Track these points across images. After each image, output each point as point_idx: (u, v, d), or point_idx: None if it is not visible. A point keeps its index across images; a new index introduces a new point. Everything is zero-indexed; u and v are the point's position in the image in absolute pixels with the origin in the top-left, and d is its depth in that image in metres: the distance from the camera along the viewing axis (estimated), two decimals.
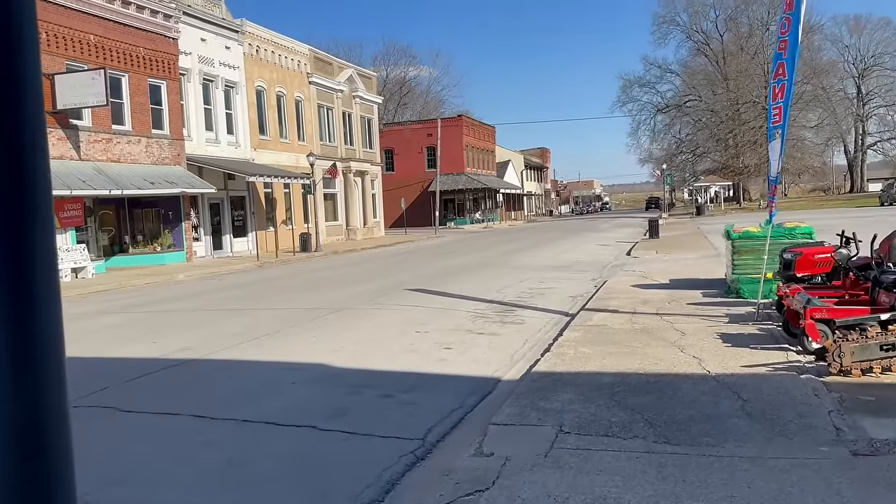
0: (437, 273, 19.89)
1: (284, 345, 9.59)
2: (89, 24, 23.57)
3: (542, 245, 31.31)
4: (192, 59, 29.56)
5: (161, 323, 12.35)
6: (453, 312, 12.16)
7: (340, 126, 42.73)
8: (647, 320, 10.37)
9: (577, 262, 21.88)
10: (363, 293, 15.46)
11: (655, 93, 77.33)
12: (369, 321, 11.43)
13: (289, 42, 37.52)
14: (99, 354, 9.42)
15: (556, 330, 10.37)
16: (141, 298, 17.23)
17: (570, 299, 13.78)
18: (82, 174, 22.39)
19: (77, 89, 21.85)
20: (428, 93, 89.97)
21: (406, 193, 58.01)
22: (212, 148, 30.82)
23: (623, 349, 8.43)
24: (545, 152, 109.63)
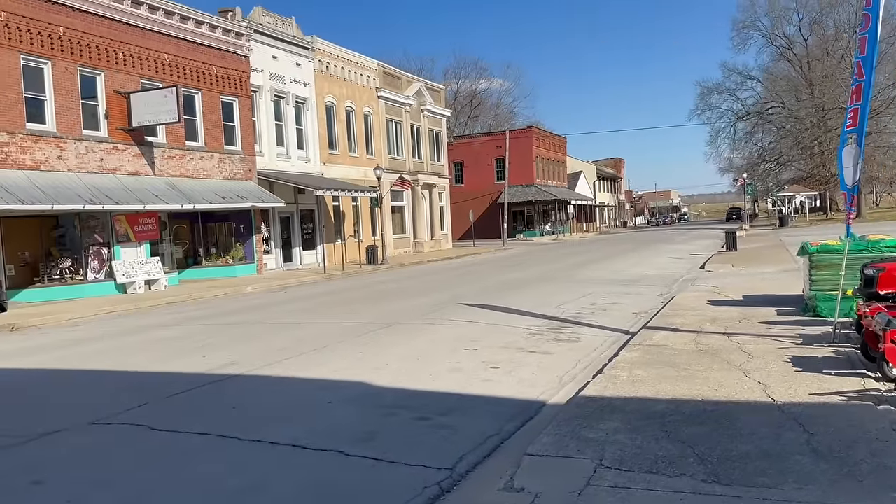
0: (497, 286, 19.49)
1: (329, 361, 9.41)
2: (163, 44, 24.40)
3: (611, 258, 30.44)
4: (263, 76, 30.24)
5: (217, 336, 12.43)
6: (507, 329, 11.75)
7: (408, 139, 42.94)
8: (713, 340, 9.71)
9: (645, 276, 21.07)
10: (419, 307, 15.23)
11: (735, 100, 74.51)
12: (419, 337, 11.16)
13: (358, 58, 37.99)
14: (149, 368, 9.48)
15: (612, 349, 9.83)
16: (206, 311, 17.52)
17: (633, 316, 13.16)
18: (156, 189, 23.10)
19: (151, 107, 22.60)
20: (499, 105, 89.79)
21: (475, 205, 57.80)
22: (282, 163, 31.40)
23: (681, 372, 7.86)
24: (619, 162, 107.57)
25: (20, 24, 19.47)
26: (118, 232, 22.43)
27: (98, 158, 21.82)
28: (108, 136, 22.25)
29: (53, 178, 19.94)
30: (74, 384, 9.08)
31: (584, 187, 79.37)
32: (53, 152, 20.36)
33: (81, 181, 20.65)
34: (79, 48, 21.26)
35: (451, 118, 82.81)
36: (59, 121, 20.60)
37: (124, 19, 22.77)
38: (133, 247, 22.97)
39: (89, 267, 21.91)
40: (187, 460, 5.72)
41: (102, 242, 22.22)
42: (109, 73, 22.34)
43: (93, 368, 9.89)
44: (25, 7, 19.58)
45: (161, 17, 24.28)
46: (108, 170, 22.12)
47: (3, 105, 18.98)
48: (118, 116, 22.55)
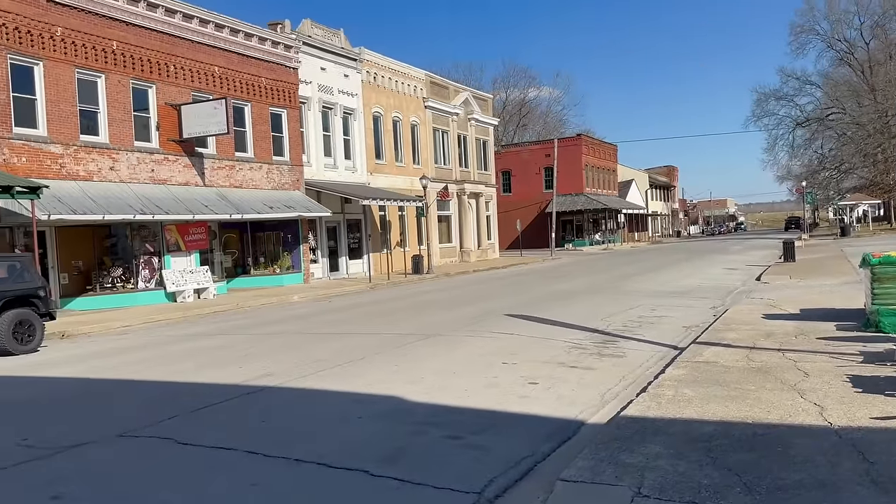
0: (542, 298, 19.11)
1: (364, 373, 9.24)
2: (214, 57, 24.83)
3: (662, 268, 29.67)
4: (311, 87, 30.54)
5: (256, 346, 12.41)
6: (549, 342, 11.41)
7: (455, 148, 42.84)
8: (767, 357, 9.20)
9: (697, 288, 20.40)
10: (461, 318, 14.98)
11: (794, 106, 72.36)
12: (457, 350, 10.91)
13: (405, 68, 38.10)
14: (186, 379, 9.47)
15: (659, 366, 9.41)
16: (250, 320, 17.62)
17: (683, 330, 12.65)
18: (206, 199, 23.46)
19: (201, 119, 22.99)
20: (548, 113, 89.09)
21: (523, 215, 57.32)
22: (330, 173, 31.62)
23: (732, 392, 7.42)
24: (672, 170, 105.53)
25: (76, 38, 20.03)
26: (168, 241, 22.83)
27: (149, 169, 22.27)
28: (159, 147, 22.70)
29: (105, 188, 20.41)
30: (112, 394, 9.12)
31: (635, 196, 78.07)
32: (106, 163, 20.85)
33: (132, 191, 21.09)
34: (131, 61, 21.77)
35: (499, 127, 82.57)
36: (111, 133, 21.10)
37: (176, 33, 23.26)
38: (183, 256, 23.35)
39: (140, 276, 22.34)
40: (209, 478, 5.58)
41: (153, 252, 22.64)
42: (161, 85, 22.82)
43: (131, 378, 9.94)
44: (81, 22, 20.15)
45: (212, 30, 24.73)
46: (159, 180, 22.56)
47: (59, 118, 19.53)
48: (169, 128, 23.00)
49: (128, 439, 6.60)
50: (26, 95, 18.84)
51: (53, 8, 19.36)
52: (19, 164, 18.27)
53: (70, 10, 19.81)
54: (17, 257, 14.14)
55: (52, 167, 19.25)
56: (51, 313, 14.00)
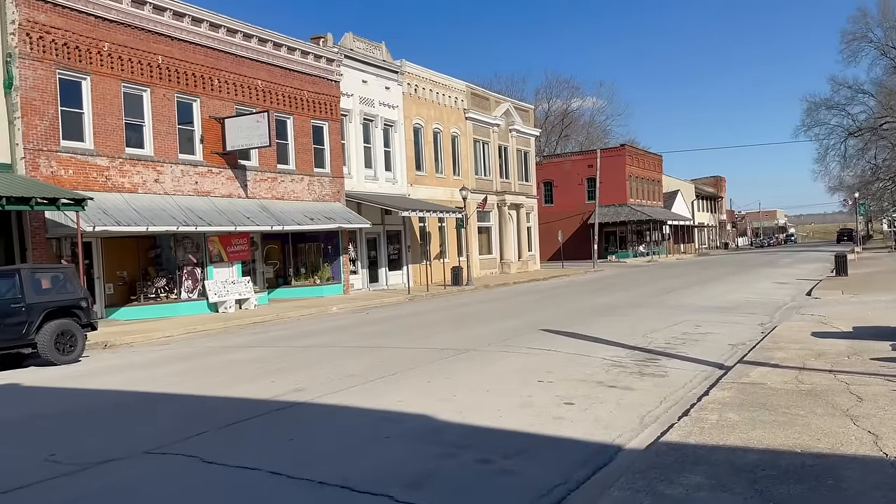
0: (581, 311, 18.73)
1: (395, 390, 9.07)
2: (257, 70, 25.15)
3: (708, 282, 28.93)
4: (353, 100, 30.72)
5: (291, 359, 12.36)
6: (587, 359, 11.09)
7: (496, 159, 42.64)
8: (817, 379, 8.75)
9: (745, 303, 19.77)
10: (497, 332, 14.73)
11: (846, 115, 70.16)
12: (492, 366, 10.67)
13: (446, 80, 38.11)
14: (217, 393, 9.43)
15: (702, 387, 9.03)
16: (288, 331, 17.65)
17: (729, 348, 12.20)
18: (248, 211, 23.70)
19: (244, 131, 23.27)
20: (591, 123, 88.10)
21: (565, 226, 56.71)
22: (370, 184, 31.72)
23: (779, 417, 7.03)
24: (719, 181, 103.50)
25: (122, 53, 20.47)
26: (211, 252, 23.10)
27: (193, 181, 22.60)
28: (202, 159, 23.04)
29: (150, 200, 20.76)
30: (145, 407, 9.12)
31: (681, 207, 76.68)
32: (151, 176, 21.22)
33: (176, 203, 21.41)
34: (176, 76, 22.16)
35: (541, 138, 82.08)
36: (156, 145, 21.49)
37: (220, 47, 23.62)
38: (225, 267, 23.60)
39: (183, 286, 22.64)
40: (229, 501, 5.46)
41: (196, 262, 22.94)
42: (205, 99, 23.18)
43: (166, 391, 9.95)
44: (127, 37, 20.59)
45: (255, 44, 25.06)
46: (203, 192, 22.87)
47: (105, 131, 19.95)
48: (213, 141, 23.33)
49: (153, 457, 6.54)
50: (74, 109, 19.29)
51: (101, 24, 19.83)
52: (66, 177, 18.69)
53: (117, 26, 20.27)
54: (61, 268, 14.40)
55: (98, 179, 19.66)
56: (92, 324, 14.19)
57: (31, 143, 17.96)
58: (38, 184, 17.05)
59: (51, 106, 18.50)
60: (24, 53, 17.89)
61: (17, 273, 13.10)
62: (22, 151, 17.77)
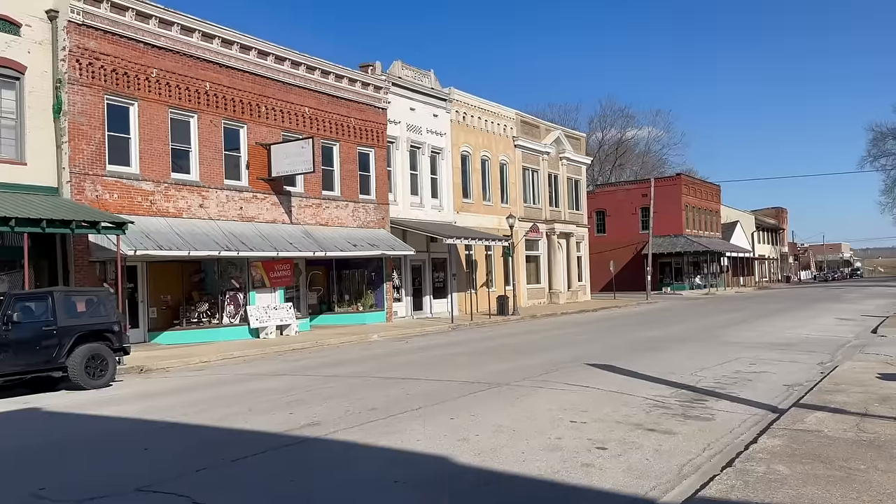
0: (629, 345, 17.85)
1: (416, 426, 8.51)
2: (304, 98, 25.27)
3: (767, 317, 27.54)
4: (400, 127, 30.65)
5: (316, 388, 11.94)
6: (627, 398, 10.33)
7: (545, 188, 41.99)
8: (881, 428, 7.87)
9: (804, 340, 18.59)
10: (535, 366, 14.04)
11: None
12: (523, 403, 10.01)
13: (495, 107, 37.83)
14: (232, 425, 9.04)
15: (751, 433, 8.22)
16: (323, 359, 17.30)
17: (784, 389, 11.28)
18: (291, 237, 23.64)
19: (289, 157, 23.30)
20: (647, 153, 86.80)
21: (618, 256, 55.44)
22: (416, 211, 31.47)
23: (835, 472, 6.24)
24: (781, 212, 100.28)
25: (170, 80, 20.76)
26: (254, 278, 23.07)
27: (238, 207, 22.68)
28: (248, 185, 23.13)
29: (193, 224, 20.85)
30: (153, 439, 8.74)
31: (740, 238, 74.34)
32: (195, 201, 21.35)
33: (219, 228, 21.47)
34: (223, 102, 22.39)
35: (594, 166, 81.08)
36: (202, 171, 21.65)
37: (268, 74, 23.82)
38: (268, 292, 23.52)
39: (225, 311, 22.61)
40: None
41: (239, 287, 22.92)
42: (252, 125, 23.34)
43: (179, 421, 9.61)
44: (175, 64, 20.90)
45: (303, 72, 25.22)
46: (247, 218, 22.92)
47: (151, 156, 20.18)
48: (258, 167, 23.42)
49: (144, 495, 6.13)
50: (121, 134, 19.58)
51: (150, 51, 20.17)
52: (111, 201, 18.91)
53: (165, 53, 20.59)
54: (95, 291, 14.39)
55: (143, 204, 19.84)
56: (125, 348, 14.09)
57: (77, 166, 18.25)
58: (80, 207, 17.24)
59: (98, 131, 18.81)
60: (74, 79, 18.25)
61: (50, 295, 13.10)
62: (68, 175, 18.05)
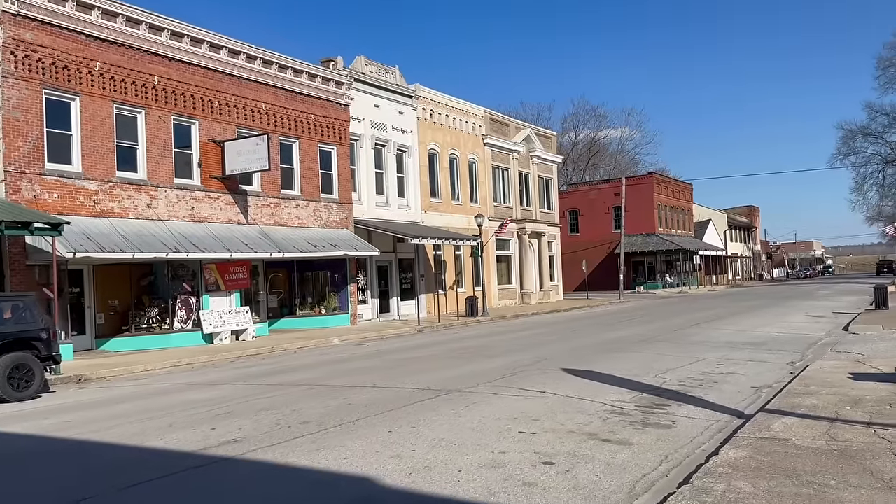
0: (594, 347, 17.21)
1: (346, 442, 7.72)
2: (261, 93, 24.33)
3: (738, 315, 27.12)
4: (364, 124, 29.81)
5: (253, 400, 11.08)
6: (584, 404, 9.64)
7: (516, 187, 41.36)
8: (852, 435, 7.25)
9: (775, 339, 18.11)
10: (493, 370, 13.32)
11: (883, 143, 67.75)
12: (471, 412, 9.26)
13: (463, 105, 37.12)
14: (143, 442, 8.18)
15: (714, 442, 7.57)
16: (275, 366, 16.44)
17: (752, 392, 10.69)
18: (246, 238, 22.69)
19: (243, 155, 22.36)
20: (620, 152, 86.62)
21: (591, 255, 55.05)
22: (381, 211, 30.64)
23: (803, 488, 5.58)
24: (753, 210, 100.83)
25: (115, 74, 19.74)
26: (207, 281, 22.08)
27: (189, 207, 21.69)
28: (200, 184, 22.15)
29: (141, 225, 19.85)
30: (50, 460, 7.80)
31: (713, 237, 74.41)
32: (143, 200, 20.34)
33: (168, 229, 20.48)
34: (173, 97, 21.39)
35: (568, 166, 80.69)
36: (150, 169, 20.64)
37: (221, 69, 22.86)
38: (223, 296, 22.54)
39: (176, 316, 21.61)
40: None
41: (191, 291, 21.92)
42: (204, 121, 22.37)
43: (89, 439, 8.71)
44: (120, 57, 19.88)
45: (259, 66, 24.29)
46: (200, 218, 21.94)
47: (95, 153, 19.15)
48: (211, 165, 22.46)
49: None
50: (61, 130, 18.53)
51: (93, 43, 19.14)
52: (50, 201, 17.86)
53: (109, 45, 19.57)
54: (20, 297, 13.38)
55: (86, 204, 18.81)
56: (54, 357, 13.12)
57: (13, 164, 17.18)
58: (13, 207, 16.19)
59: (35, 127, 17.75)
60: (8, 72, 17.19)
61: None
62: (2, 174, 16.98)
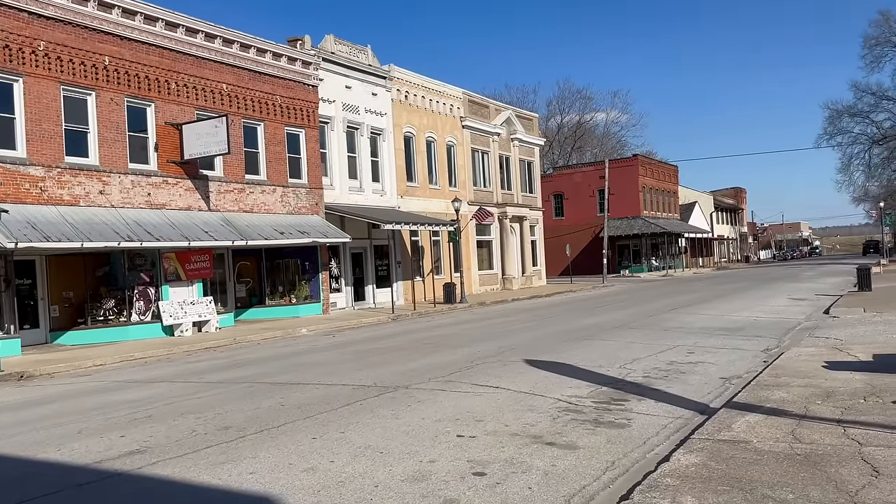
0: (565, 334, 16.49)
1: (262, 452, 6.93)
2: (222, 73, 23.34)
3: (718, 298, 26.51)
4: (335, 106, 28.86)
5: (181, 401, 10.26)
6: (537, 401, 8.90)
7: (496, 170, 40.51)
8: (820, 435, 6.54)
9: (752, 323, 17.46)
10: (451, 362, 12.57)
11: (869, 123, 67.17)
12: (411, 412, 8.50)
13: (440, 86, 36.16)
14: (35, 454, 7.35)
15: (669, 444, 6.86)
16: (229, 359, 15.65)
17: (720, 383, 10.00)
18: (207, 225, 21.79)
19: (202, 138, 21.41)
20: (605, 135, 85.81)
21: (576, 239, 54.42)
22: (355, 196, 29.76)
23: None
24: (740, 192, 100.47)
25: (62, 53, 18.73)
26: (167, 270, 21.21)
27: (145, 193, 20.75)
28: (157, 169, 21.21)
29: (92, 213, 18.92)
30: None
31: (699, 219, 73.90)
32: (95, 187, 19.40)
33: (122, 217, 19.56)
34: (126, 78, 20.39)
35: (554, 150, 79.83)
36: (102, 154, 19.68)
37: (178, 48, 21.85)
38: (184, 286, 21.68)
39: (134, 308, 20.75)
40: None
41: (149, 282, 21.05)
42: (161, 103, 21.39)
43: None
44: (67, 36, 18.86)
45: (219, 45, 23.28)
46: (157, 205, 21.02)
47: (41, 138, 18.18)
48: (169, 149, 21.51)
49: None
50: (3, 114, 17.55)
51: (35, 21, 18.11)
52: None
53: (55, 24, 18.54)
54: None
55: (32, 191, 17.87)
56: None
57: None
58: None
59: None
60: None
61: None
62: None
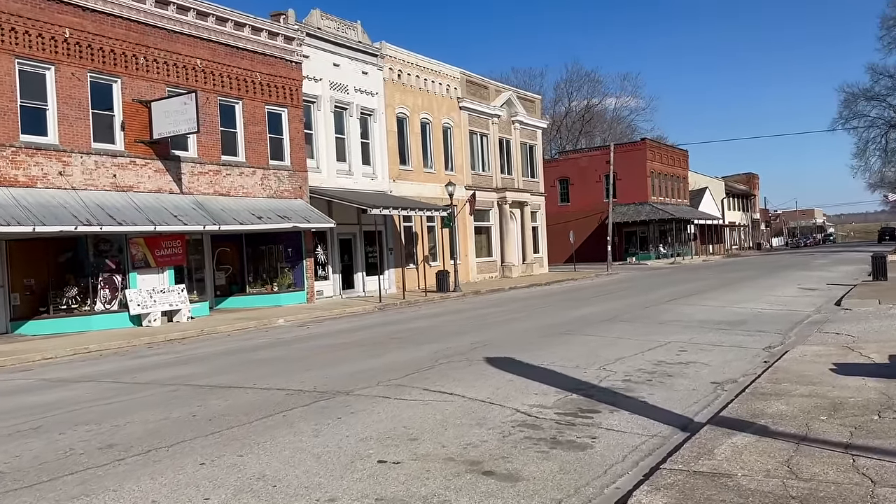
0: (550, 327, 15.16)
1: (129, 482, 5.68)
2: (195, 48, 22.02)
3: (724, 287, 25.06)
4: (322, 85, 27.52)
5: (87, 408, 9.03)
6: (492, 412, 7.61)
7: (496, 154, 39.02)
8: (821, 467, 5.21)
9: (756, 316, 16.04)
10: (411, 361, 11.28)
11: (886, 106, 65.04)
12: (336, 428, 7.21)
13: (436, 65, 34.67)
14: None
15: (635, 474, 5.56)
16: (183, 354, 14.47)
17: (711, 389, 8.68)
18: (177, 209, 20.56)
19: (171, 116, 20.15)
20: (615, 119, 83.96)
21: (582, 226, 52.99)
22: (344, 179, 28.46)
23: None
24: (752, 178, 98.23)
25: (16, 25, 17.48)
26: (134, 257, 20.02)
27: (110, 175, 19.55)
28: (124, 149, 19.98)
29: (49, 195, 17.74)
30: None
31: (709, 205, 72.10)
32: (54, 167, 18.20)
33: (82, 200, 18.36)
34: (89, 52, 19.13)
35: (562, 134, 78.13)
36: (62, 132, 18.47)
37: (147, 20, 20.56)
38: (154, 273, 20.50)
39: (98, 296, 19.61)
40: None
41: (115, 269, 19.88)
42: (127, 79, 20.12)
43: None
44: (22, 6, 17.60)
45: (192, 18, 21.96)
46: (124, 187, 19.82)
47: None
48: (137, 128, 20.27)
49: None
50: None
51: None
52: None
53: None
54: None
55: None
56: None
57: None
58: None
59: None
60: None
61: None
62: None
